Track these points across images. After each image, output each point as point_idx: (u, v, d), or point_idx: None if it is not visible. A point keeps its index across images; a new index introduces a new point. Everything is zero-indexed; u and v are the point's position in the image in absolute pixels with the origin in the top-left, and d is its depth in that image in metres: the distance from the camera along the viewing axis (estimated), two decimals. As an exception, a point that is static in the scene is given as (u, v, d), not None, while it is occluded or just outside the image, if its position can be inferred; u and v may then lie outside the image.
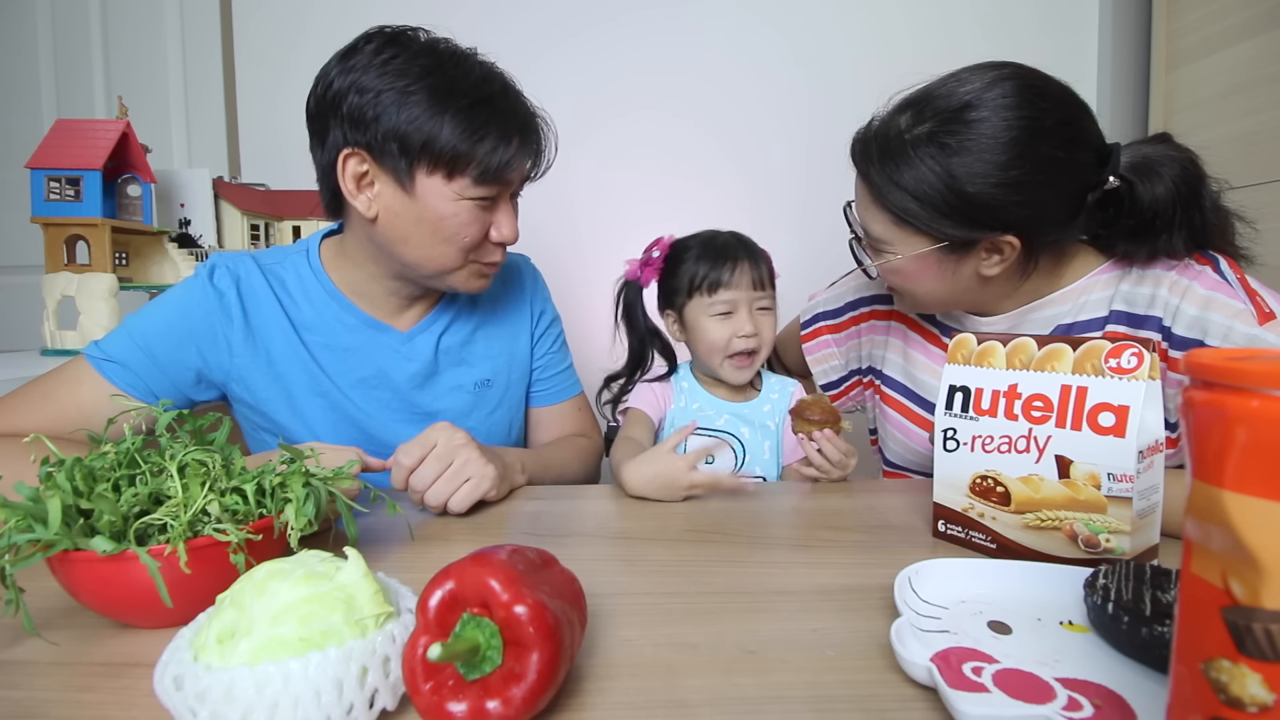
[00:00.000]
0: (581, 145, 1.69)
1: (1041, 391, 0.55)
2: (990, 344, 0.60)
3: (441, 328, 0.91)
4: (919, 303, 0.83)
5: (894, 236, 0.75)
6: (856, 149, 0.77)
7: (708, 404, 0.98)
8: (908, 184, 0.71)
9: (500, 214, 0.81)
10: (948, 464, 0.61)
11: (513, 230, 0.82)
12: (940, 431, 0.61)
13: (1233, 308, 0.67)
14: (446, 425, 0.73)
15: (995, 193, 0.68)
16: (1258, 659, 0.23)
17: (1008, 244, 0.71)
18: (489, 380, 0.94)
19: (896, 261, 0.76)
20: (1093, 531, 0.53)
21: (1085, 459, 0.53)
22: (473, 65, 0.78)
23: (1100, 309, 0.76)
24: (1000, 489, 0.58)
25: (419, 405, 0.90)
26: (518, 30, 1.65)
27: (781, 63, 1.68)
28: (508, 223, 0.81)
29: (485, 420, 0.94)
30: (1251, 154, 1.31)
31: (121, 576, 0.43)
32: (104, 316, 1.22)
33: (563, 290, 1.72)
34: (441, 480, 0.69)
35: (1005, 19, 1.64)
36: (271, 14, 1.64)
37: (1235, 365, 0.24)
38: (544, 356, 1.01)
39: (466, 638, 0.35)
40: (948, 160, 0.68)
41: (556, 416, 1.03)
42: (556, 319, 1.04)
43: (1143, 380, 0.51)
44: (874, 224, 0.77)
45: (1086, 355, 0.54)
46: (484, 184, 0.76)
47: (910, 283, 0.79)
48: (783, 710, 0.38)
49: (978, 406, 0.59)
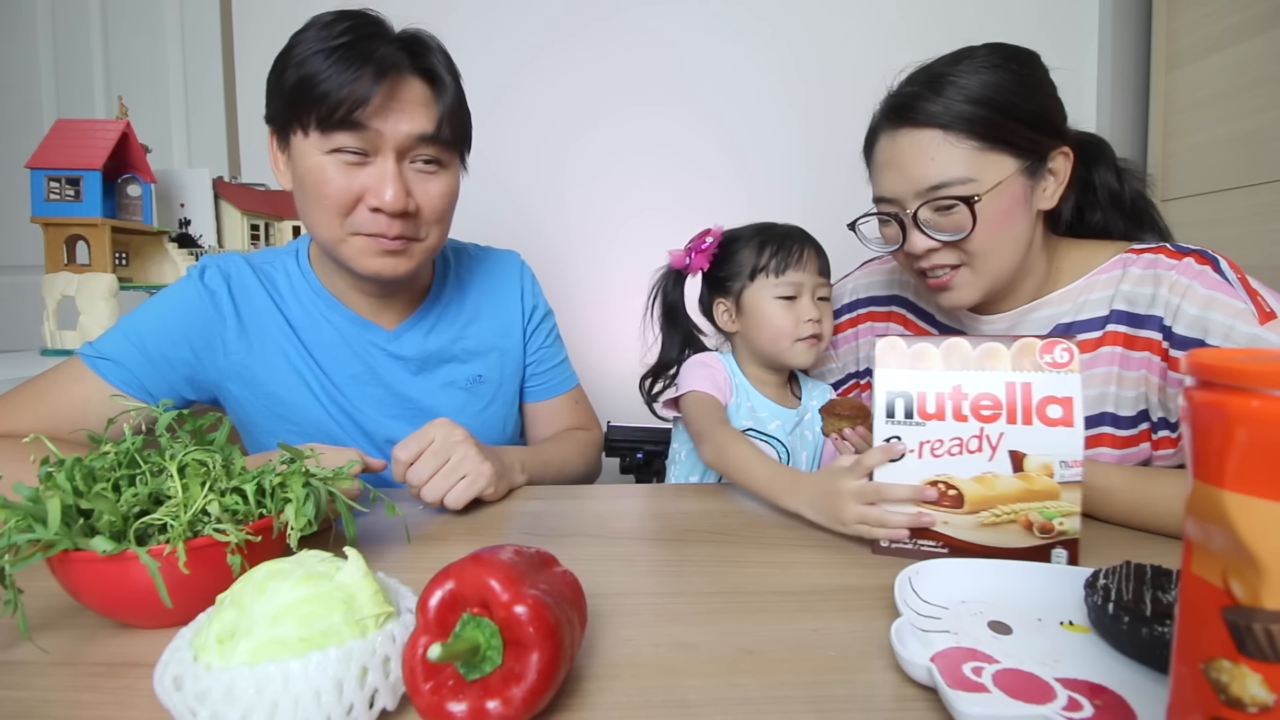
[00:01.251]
0: (579, 142, 1.69)
1: (988, 391, 0.56)
2: (923, 346, 0.59)
3: (429, 325, 0.91)
4: (997, 268, 0.75)
5: (980, 168, 0.70)
6: (907, 103, 0.73)
7: (761, 405, 0.93)
8: (987, 98, 0.70)
9: (373, 173, 0.73)
10: (891, 475, 0.59)
11: (393, 194, 0.72)
12: (881, 442, 0.59)
13: (1234, 307, 0.67)
14: (445, 421, 0.73)
15: (1038, 97, 0.73)
16: (1258, 659, 0.23)
17: (1063, 155, 0.74)
18: (481, 376, 0.94)
19: (989, 200, 0.71)
20: (1047, 518, 0.55)
21: (1038, 451, 0.55)
22: (354, 19, 0.73)
23: (1101, 308, 0.76)
24: (953, 492, 0.57)
25: (412, 401, 0.90)
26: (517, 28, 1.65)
27: (780, 61, 1.68)
28: (384, 183, 0.72)
29: (479, 416, 0.94)
30: (1251, 154, 1.31)
31: (121, 576, 0.43)
32: (104, 316, 1.22)
33: (560, 288, 1.72)
34: (438, 476, 0.69)
35: (1005, 18, 1.65)
36: (271, 14, 1.64)
37: (1236, 365, 0.24)
38: (538, 351, 1.01)
39: (466, 638, 0.35)
40: (987, 75, 0.71)
41: (553, 411, 1.03)
42: (549, 313, 1.04)
43: (1076, 373, 0.55)
44: (954, 165, 0.71)
45: (1022, 352, 0.56)
46: (334, 130, 0.71)
47: (1002, 229, 0.72)
48: (783, 710, 0.38)
49: (922, 411, 0.58)
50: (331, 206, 0.74)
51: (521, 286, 1.00)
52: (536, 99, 1.66)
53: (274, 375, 0.85)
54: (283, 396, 0.85)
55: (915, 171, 0.73)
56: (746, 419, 0.92)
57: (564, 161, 1.70)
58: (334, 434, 0.87)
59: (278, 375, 0.85)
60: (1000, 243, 0.73)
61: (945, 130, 0.71)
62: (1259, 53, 1.30)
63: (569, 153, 1.70)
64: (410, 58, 0.74)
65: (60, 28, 1.72)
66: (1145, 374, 0.74)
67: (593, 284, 1.72)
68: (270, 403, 0.85)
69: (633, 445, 1.21)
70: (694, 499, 0.77)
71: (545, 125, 1.68)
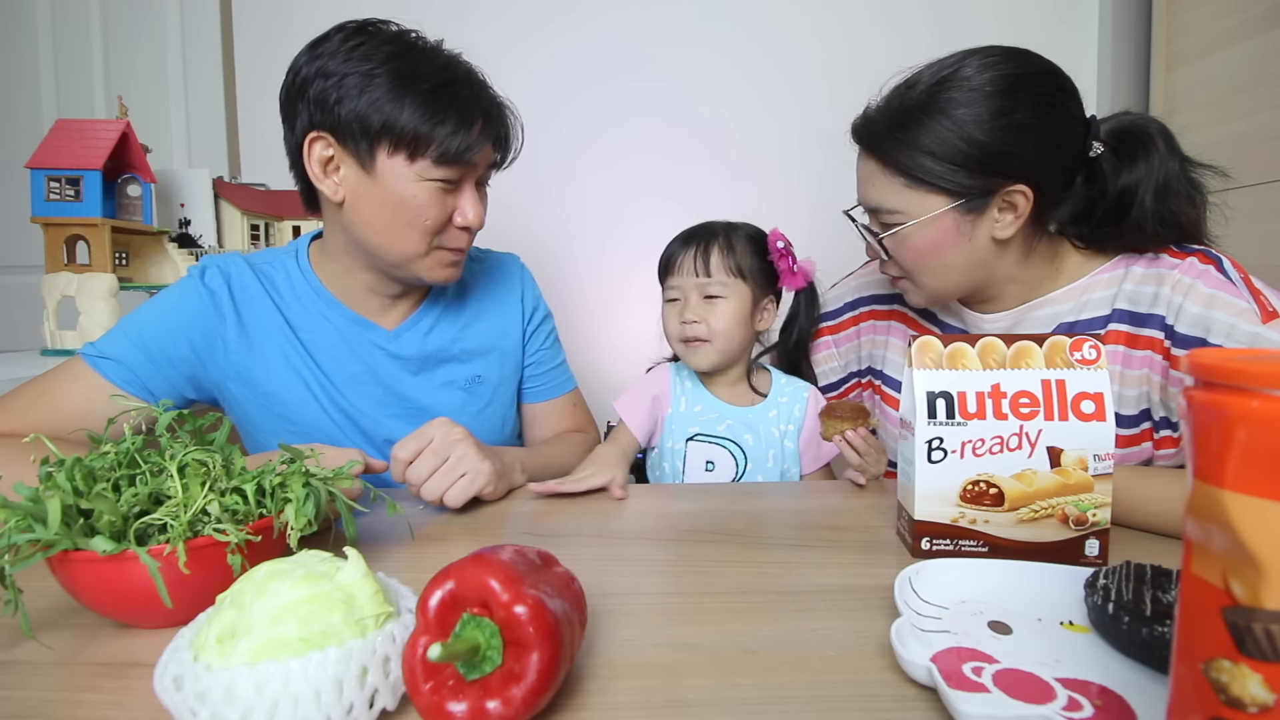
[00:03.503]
0: (577, 138, 1.69)
1: (1025, 388, 0.57)
2: (958, 346, 0.59)
3: (429, 325, 0.92)
4: (933, 287, 0.79)
5: (908, 202, 0.74)
6: (860, 129, 0.78)
7: (709, 407, 0.96)
8: (919, 142, 0.71)
9: (464, 198, 0.81)
10: (934, 476, 0.58)
11: (478, 215, 0.82)
12: (924, 443, 0.58)
13: (1236, 306, 0.68)
14: (444, 420, 0.74)
15: (1002, 136, 0.70)
16: (1258, 659, 0.23)
17: (1021, 195, 0.71)
18: (480, 376, 0.95)
19: (914, 230, 0.74)
20: (1081, 510, 0.57)
21: (1073, 445, 0.56)
22: (438, 53, 0.79)
23: (1103, 307, 0.77)
24: (994, 490, 0.57)
25: (411, 401, 0.90)
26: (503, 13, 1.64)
27: (795, 52, 1.67)
28: (472, 207, 0.81)
29: (478, 416, 0.94)
30: (1251, 154, 1.31)
31: (121, 576, 0.43)
32: (104, 316, 1.22)
33: (560, 287, 1.72)
34: (438, 475, 0.70)
35: (1005, 17, 1.64)
36: (271, 14, 1.64)
37: (1236, 365, 0.24)
38: (537, 353, 1.01)
39: (466, 638, 0.35)
40: (952, 113, 0.70)
41: (551, 412, 1.03)
42: (549, 315, 1.05)
43: (1104, 369, 0.57)
44: (887, 195, 0.75)
45: (1053, 350, 0.58)
46: (445, 165, 0.77)
47: (928, 258, 0.76)
48: (783, 710, 0.38)
49: (964, 411, 0.58)
50: (428, 228, 0.80)
51: (522, 288, 1.01)
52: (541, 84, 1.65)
53: (273, 375, 0.85)
54: (281, 396, 0.85)
55: (862, 190, 0.79)
56: (691, 424, 0.96)
57: (561, 159, 1.70)
58: (332, 434, 0.87)
59: (276, 375, 0.85)
60: (930, 267, 0.77)
61: (880, 164, 0.75)
62: (1259, 53, 1.30)
63: (571, 152, 1.69)
64: (483, 98, 0.81)
65: (60, 28, 1.72)
66: (1147, 373, 0.74)
67: (591, 284, 1.72)
68: (269, 402, 0.85)
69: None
70: (694, 499, 0.78)
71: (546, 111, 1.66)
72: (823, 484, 0.85)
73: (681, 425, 0.96)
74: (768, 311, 0.98)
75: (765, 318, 0.98)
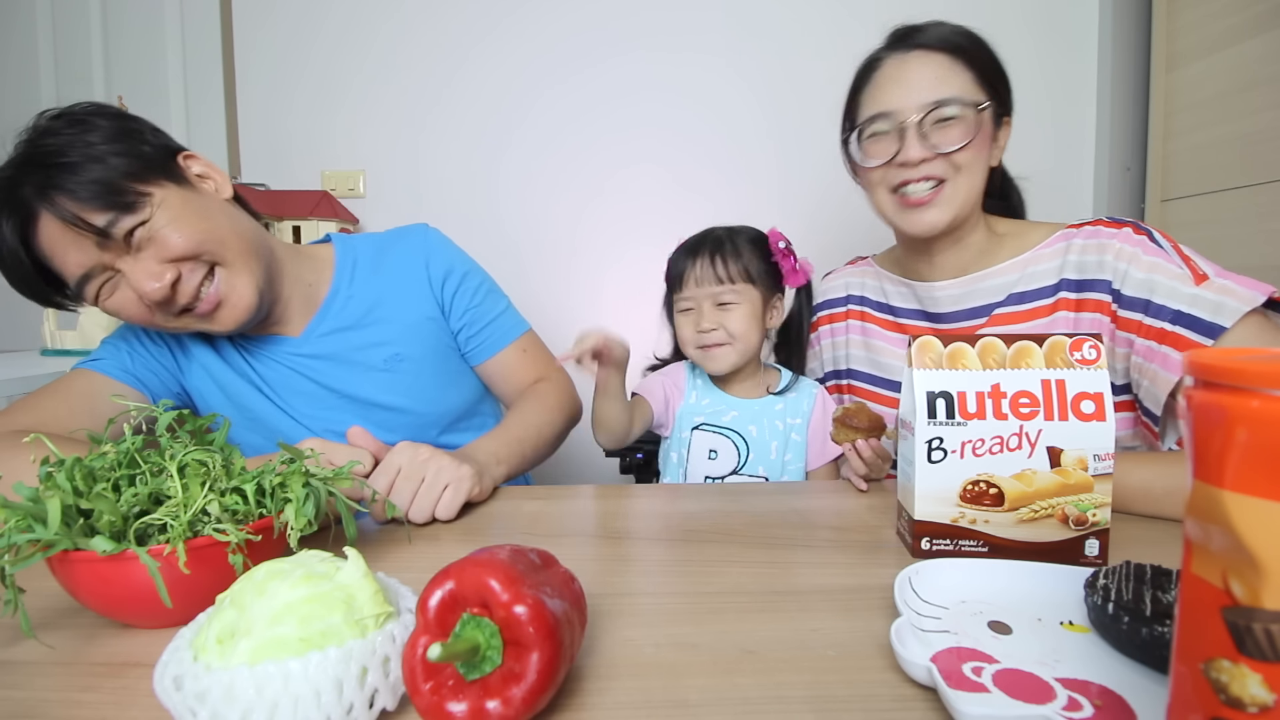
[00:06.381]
0: (578, 139, 1.69)
1: (1025, 388, 0.57)
2: (958, 346, 0.59)
3: (334, 319, 0.93)
4: (969, 186, 0.82)
5: (975, 94, 0.81)
6: (911, 31, 0.83)
7: (717, 400, 0.99)
8: (976, 39, 0.82)
9: (132, 279, 0.73)
10: (934, 476, 0.59)
11: (143, 283, 0.72)
12: (924, 443, 0.58)
13: (1172, 271, 0.74)
14: (406, 445, 0.71)
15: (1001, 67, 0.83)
16: (1258, 659, 0.23)
17: (1007, 126, 0.84)
18: (399, 354, 0.94)
19: (977, 120, 0.80)
20: (1081, 510, 0.57)
21: (1074, 445, 0.56)
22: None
23: (1050, 278, 0.83)
24: (994, 490, 0.57)
25: (341, 391, 0.92)
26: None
27: (796, 52, 1.67)
28: (140, 281, 0.73)
29: (412, 391, 0.94)
30: (1251, 154, 1.31)
31: (121, 576, 0.44)
32: (103, 316, 1.22)
33: (559, 287, 1.72)
34: (420, 494, 0.68)
35: (1005, 17, 1.64)
36: (271, 14, 1.64)
37: (1236, 365, 0.24)
38: (466, 313, 0.98)
39: (466, 638, 0.35)
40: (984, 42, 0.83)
41: (505, 365, 1.01)
42: (469, 272, 1.00)
43: (1104, 369, 0.57)
44: (957, 85, 0.81)
45: (1053, 350, 0.58)
46: (80, 279, 0.73)
47: (979, 149, 0.81)
48: (783, 710, 0.38)
49: (964, 411, 0.58)
50: (148, 319, 0.80)
51: (427, 256, 0.98)
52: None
53: (218, 386, 0.90)
54: (229, 403, 0.90)
55: (925, 86, 0.81)
56: (698, 415, 0.98)
57: (563, 161, 1.70)
58: (285, 431, 0.90)
59: (220, 385, 0.90)
60: (978, 163, 0.82)
61: (953, 56, 0.81)
62: (1259, 53, 1.31)
63: (569, 151, 1.70)
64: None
65: (60, 27, 1.72)
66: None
67: (590, 284, 1.72)
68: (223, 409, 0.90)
69: (633, 445, 1.20)
70: (694, 499, 0.78)
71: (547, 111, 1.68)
72: (823, 484, 0.85)
73: (689, 417, 0.98)
74: (776, 309, 0.99)
75: (775, 315, 1.00)
